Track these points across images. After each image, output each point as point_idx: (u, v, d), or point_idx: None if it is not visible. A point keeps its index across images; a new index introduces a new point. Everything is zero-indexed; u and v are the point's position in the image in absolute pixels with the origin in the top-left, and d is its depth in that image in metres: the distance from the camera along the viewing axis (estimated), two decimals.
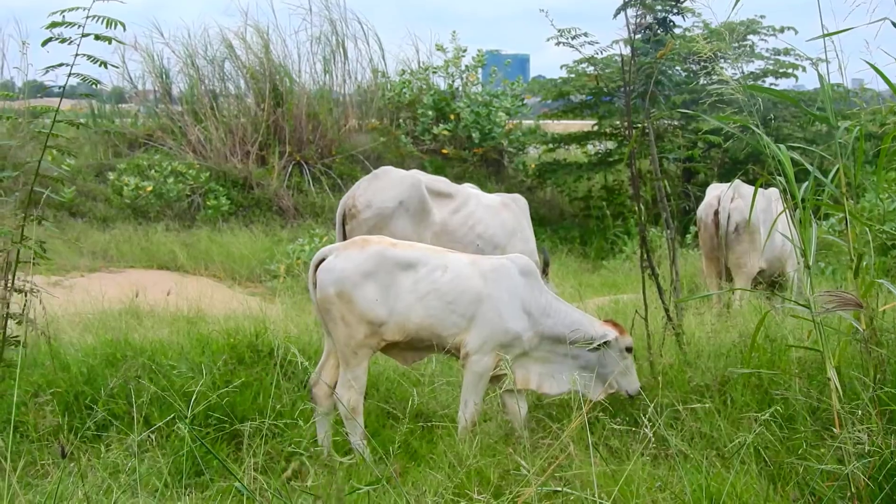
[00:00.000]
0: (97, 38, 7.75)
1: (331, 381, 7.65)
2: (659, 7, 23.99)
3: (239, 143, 24.46)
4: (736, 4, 6.59)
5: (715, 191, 12.65)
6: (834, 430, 5.88)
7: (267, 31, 26.47)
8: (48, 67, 7.94)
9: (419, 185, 10.65)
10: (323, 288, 7.40)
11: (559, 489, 5.27)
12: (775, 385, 7.35)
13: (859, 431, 5.58)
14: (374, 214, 10.43)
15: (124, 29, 7.82)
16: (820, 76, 6.56)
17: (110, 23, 7.70)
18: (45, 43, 7.85)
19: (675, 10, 24.20)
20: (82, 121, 18.30)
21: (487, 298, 7.49)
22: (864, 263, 6.36)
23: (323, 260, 7.54)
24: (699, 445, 6.93)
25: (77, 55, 7.77)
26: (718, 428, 7.06)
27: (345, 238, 10.50)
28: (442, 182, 11.10)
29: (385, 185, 10.61)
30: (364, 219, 10.44)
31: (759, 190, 11.63)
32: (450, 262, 7.59)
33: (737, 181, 12.31)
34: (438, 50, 27.10)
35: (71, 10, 7.73)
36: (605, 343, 7.70)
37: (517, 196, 11.69)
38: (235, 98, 26.52)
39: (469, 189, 11.27)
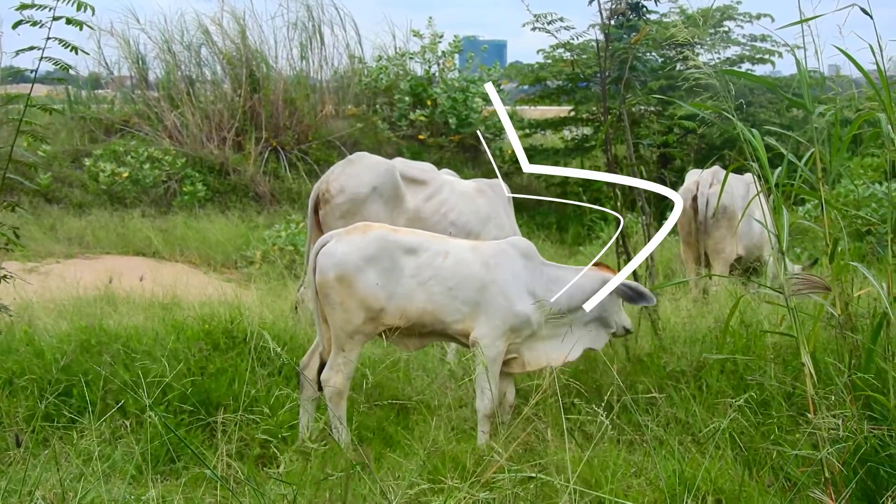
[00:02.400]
0: (68, 21, 7.70)
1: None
2: None
3: (215, 128, 24.40)
4: None
5: (693, 176, 12.67)
6: (808, 415, 5.90)
7: (243, 17, 26.41)
8: (18, 51, 7.89)
9: (392, 171, 10.62)
10: (323, 272, 7.36)
11: (533, 475, 5.26)
12: (750, 370, 7.37)
13: (833, 417, 5.60)
14: (348, 200, 10.40)
15: (93, 13, 7.76)
16: (797, 61, 6.56)
17: (81, 6, 7.65)
18: (15, 26, 7.80)
19: None
20: (57, 106, 18.21)
21: (492, 284, 7.46)
22: (839, 249, 6.37)
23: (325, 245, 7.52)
24: (674, 431, 6.95)
25: (48, 38, 7.72)
26: (694, 413, 7.09)
27: (317, 224, 10.50)
28: (416, 168, 11.05)
29: (359, 171, 10.57)
30: (337, 204, 10.41)
31: (738, 175, 11.67)
32: (451, 247, 7.56)
33: (715, 167, 12.35)
34: (415, 36, 27.10)
35: None
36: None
37: (495, 182, 11.62)
38: (212, 84, 26.44)
39: (444, 176, 11.22)
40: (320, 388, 7.60)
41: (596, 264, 7.95)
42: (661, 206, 20.00)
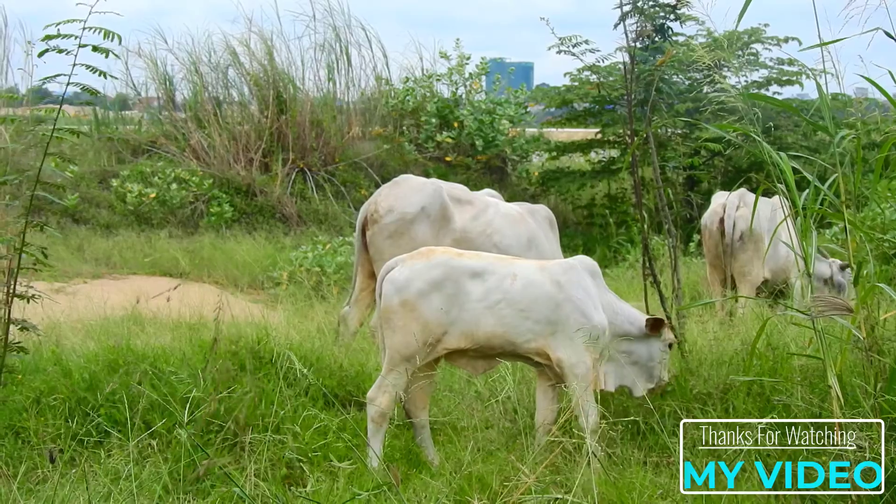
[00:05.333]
0: (95, 49, 7.77)
1: (422, 395, 7.70)
2: (661, 14, 23.92)
3: (242, 150, 24.41)
4: (741, 17, 6.57)
5: (720, 199, 12.67)
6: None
7: (271, 38, 26.39)
8: (45, 78, 8.01)
9: (440, 191, 10.69)
10: (387, 297, 7.37)
11: (559, 496, 5.27)
12: (777, 393, 7.35)
13: (860, 439, 5.59)
14: (396, 220, 10.46)
15: (120, 42, 7.83)
16: (818, 86, 6.57)
17: (108, 34, 7.71)
18: (41, 54, 7.89)
19: (672, 18, 24.13)
20: (85, 128, 18.30)
21: (566, 302, 7.45)
22: (865, 272, 6.37)
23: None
24: (701, 453, 6.93)
25: (75, 65, 7.79)
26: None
27: (364, 245, 10.58)
28: (460, 189, 11.15)
29: (406, 191, 10.64)
30: (385, 224, 10.47)
31: (764, 198, 11.64)
32: (518, 269, 7.55)
33: (742, 189, 12.33)
34: (442, 57, 27.07)
35: (66, 22, 7.75)
36: (658, 333, 7.76)
37: (539, 207, 11.71)
38: (239, 105, 26.45)
39: (487, 197, 11.30)
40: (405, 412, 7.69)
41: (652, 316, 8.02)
42: (688, 229, 19.98)
